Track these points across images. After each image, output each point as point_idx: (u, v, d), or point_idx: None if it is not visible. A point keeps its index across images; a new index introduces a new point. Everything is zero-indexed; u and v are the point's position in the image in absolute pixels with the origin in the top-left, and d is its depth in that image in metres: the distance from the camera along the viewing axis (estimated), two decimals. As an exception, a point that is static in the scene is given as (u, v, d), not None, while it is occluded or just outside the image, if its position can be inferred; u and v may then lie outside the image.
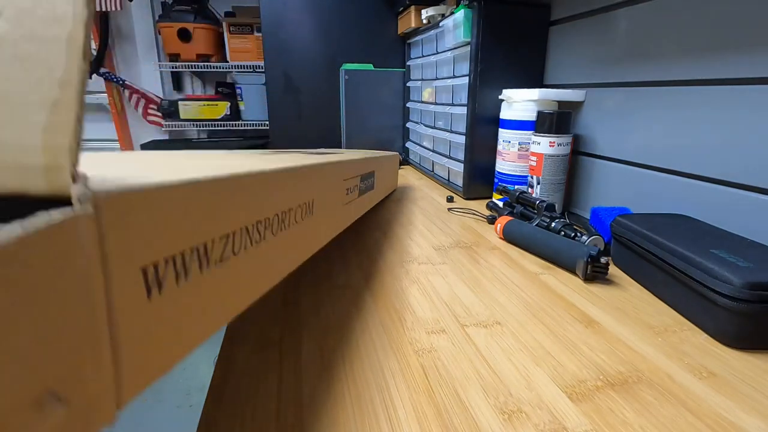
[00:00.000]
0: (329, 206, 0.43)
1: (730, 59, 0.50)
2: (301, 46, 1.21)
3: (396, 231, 0.67)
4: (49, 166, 0.12)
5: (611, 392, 0.31)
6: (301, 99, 1.26)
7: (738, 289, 0.35)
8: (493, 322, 0.41)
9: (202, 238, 0.20)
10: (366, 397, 0.30)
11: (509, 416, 0.29)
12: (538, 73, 0.85)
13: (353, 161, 0.54)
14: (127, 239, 0.15)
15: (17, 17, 0.13)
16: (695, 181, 0.56)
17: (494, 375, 0.33)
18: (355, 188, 0.55)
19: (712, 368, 0.34)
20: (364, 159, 0.60)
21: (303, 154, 0.54)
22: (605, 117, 0.70)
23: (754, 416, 0.29)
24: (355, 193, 0.55)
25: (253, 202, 0.25)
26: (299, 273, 0.52)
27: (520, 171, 0.78)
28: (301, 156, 0.49)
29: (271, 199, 0.28)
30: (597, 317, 0.42)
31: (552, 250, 0.54)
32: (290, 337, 0.38)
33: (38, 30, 0.12)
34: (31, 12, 0.13)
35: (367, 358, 0.35)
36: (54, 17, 0.12)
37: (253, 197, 0.25)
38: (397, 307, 0.44)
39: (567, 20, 0.78)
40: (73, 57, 0.12)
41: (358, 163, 0.56)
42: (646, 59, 0.62)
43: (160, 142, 2.15)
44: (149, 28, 2.19)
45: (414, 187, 0.99)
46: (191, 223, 0.19)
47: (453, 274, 0.51)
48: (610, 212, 0.60)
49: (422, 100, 1.12)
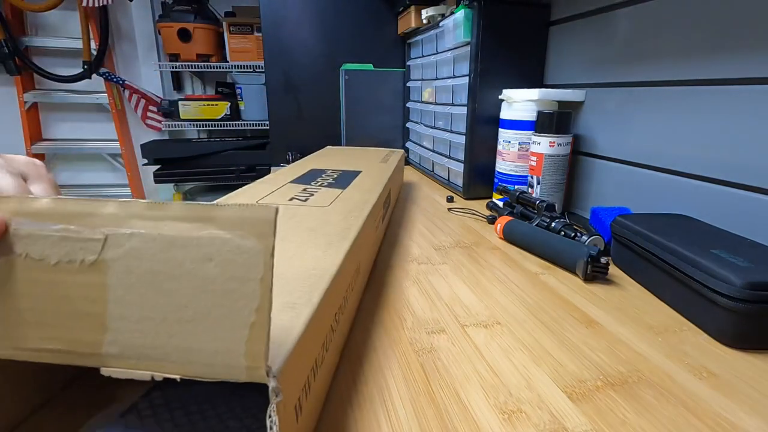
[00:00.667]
0: (367, 255, 0.47)
1: (729, 59, 0.50)
2: (301, 46, 1.21)
3: (396, 231, 0.67)
4: (250, 367, 0.18)
5: (611, 392, 0.31)
6: (301, 99, 1.26)
7: (738, 289, 0.35)
8: (493, 322, 0.41)
9: (314, 357, 0.25)
10: (366, 397, 0.30)
11: (509, 416, 0.29)
12: (538, 73, 0.85)
13: (378, 197, 0.54)
14: (287, 391, 0.20)
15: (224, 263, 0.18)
16: (695, 181, 0.56)
17: (494, 375, 0.33)
18: (380, 218, 0.57)
19: (712, 368, 0.34)
20: (384, 187, 0.60)
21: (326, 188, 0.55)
22: (605, 117, 0.70)
23: (754, 416, 0.29)
24: (380, 221, 0.57)
25: (334, 301, 0.30)
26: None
27: (520, 171, 0.78)
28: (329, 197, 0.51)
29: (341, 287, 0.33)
30: (597, 317, 0.42)
31: (552, 250, 0.54)
32: (290, 337, 0.38)
33: (239, 273, 0.18)
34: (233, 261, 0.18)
35: (367, 358, 0.35)
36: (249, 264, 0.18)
37: (335, 296, 0.30)
38: (397, 307, 0.44)
39: (567, 20, 0.78)
40: (265, 292, 0.18)
41: (382, 196, 0.57)
42: (646, 59, 0.62)
43: (160, 142, 2.15)
44: (149, 28, 2.19)
45: (414, 187, 0.99)
46: (311, 350, 0.24)
47: (453, 274, 0.51)
48: (610, 212, 0.60)
49: (422, 100, 1.12)
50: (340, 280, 0.32)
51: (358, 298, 0.42)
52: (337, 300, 0.31)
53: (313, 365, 0.25)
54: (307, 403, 0.23)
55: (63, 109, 2.23)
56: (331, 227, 0.40)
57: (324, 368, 0.28)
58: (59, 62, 2.11)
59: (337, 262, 0.32)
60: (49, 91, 2.12)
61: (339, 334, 0.33)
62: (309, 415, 0.24)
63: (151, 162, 2.00)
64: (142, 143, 2.00)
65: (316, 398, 0.26)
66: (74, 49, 2.06)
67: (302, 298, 0.26)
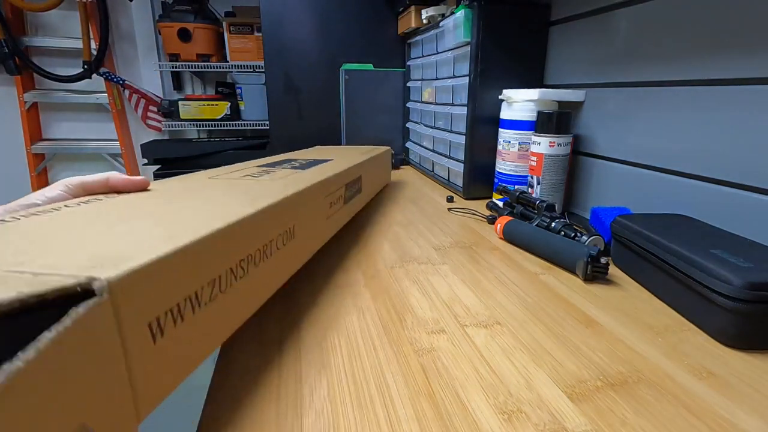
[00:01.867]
0: (311, 225, 0.46)
1: (729, 59, 0.50)
2: (301, 46, 1.21)
3: (396, 231, 0.67)
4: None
5: (611, 392, 0.31)
6: (301, 99, 1.26)
7: (738, 289, 0.35)
8: (493, 322, 0.41)
9: (192, 288, 0.25)
10: (366, 397, 0.30)
11: (509, 416, 0.29)
12: (538, 73, 0.85)
13: (336, 175, 0.54)
14: (135, 306, 0.20)
15: None
16: (695, 181, 0.56)
17: (494, 375, 0.33)
18: (339, 199, 0.56)
19: (712, 368, 0.34)
20: (348, 168, 0.60)
21: (288, 170, 0.54)
22: (605, 117, 0.70)
23: (754, 416, 0.29)
24: (340, 203, 0.56)
25: (235, 247, 0.30)
26: (299, 273, 0.52)
27: (520, 171, 0.78)
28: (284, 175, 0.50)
29: (252, 239, 0.32)
30: (597, 317, 0.42)
31: (552, 250, 0.54)
32: (290, 337, 0.38)
33: None
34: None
35: (367, 358, 0.35)
36: None
37: (235, 243, 0.30)
38: (397, 307, 0.44)
39: (567, 20, 0.78)
40: None
41: (342, 175, 0.57)
42: (646, 59, 0.62)
43: (160, 142, 2.15)
44: (149, 28, 2.19)
45: (414, 187, 0.99)
46: (183, 279, 0.24)
47: (453, 274, 0.51)
48: (610, 212, 0.60)
49: (422, 100, 1.12)
50: (248, 229, 0.31)
51: (293, 262, 0.41)
52: (244, 247, 0.31)
53: (190, 296, 0.24)
54: (176, 331, 0.23)
55: (63, 109, 2.23)
56: (265, 192, 0.39)
57: (220, 310, 0.27)
58: (59, 62, 2.11)
59: (249, 211, 0.31)
60: (49, 91, 2.12)
61: (255, 285, 0.32)
62: (182, 347, 0.24)
63: (152, 162, 2.00)
64: (142, 143, 2.00)
65: (200, 335, 0.25)
66: (74, 49, 2.06)
67: (188, 233, 0.25)
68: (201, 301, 0.25)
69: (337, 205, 0.55)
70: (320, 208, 0.49)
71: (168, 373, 0.23)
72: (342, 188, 0.57)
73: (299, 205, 0.41)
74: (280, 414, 0.29)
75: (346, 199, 0.59)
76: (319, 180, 0.48)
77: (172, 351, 0.23)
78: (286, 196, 0.39)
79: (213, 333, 0.27)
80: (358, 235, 0.65)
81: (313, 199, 0.46)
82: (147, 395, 0.21)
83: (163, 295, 0.22)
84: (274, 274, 0.36)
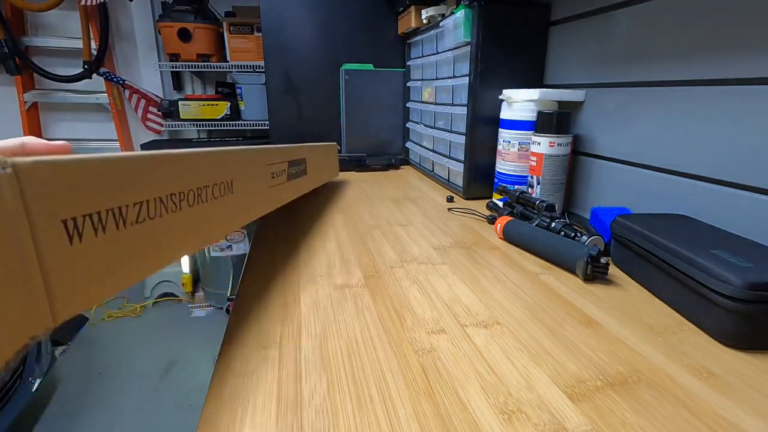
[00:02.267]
0: (253, 187, 0.50)
1: (729, 59, 0.50)
2: (301, 46, 1.21)
3: (396, 231, 0.67)
4: None
5: (611, 392, 0.31)
6: (301, 99, 1.26)
7: (738, 289, 0.35)
8: (493, 322, 0.41)
9: (115, 203, 0.26)
10: (366, 397, 0.30)
11: (509, 416, 0.29)
12: (538, 73, 0.85)
13: (278, 148, 0.59)
14: (46, 197, 0.20)
15: None
16: (695, 181, 0.56)
17: (494, 375, 0.33)
18: (282, 173, 0.60)
19: (712, 368, 0.34)
20: (291, 147, 0.66)
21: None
22: (605, 117, 0.70)
23: (754, 416, 0.29)
24: (283, 177, 0.61)
25: (163, 178, 0.32)
26: (299, 273, 0.52)
27: (520, 171, 0.78)
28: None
29: (184, 176, 0.34)
30: (597, 317, 0.42)
31: (552, 250, 0.54)
32: (290, 337, 0.38)
33: None
34: None
35: (368, 358, 0.35)
36: None
37: (164, 174, 0.32)
38: (397, 307, 0.44)
39: (567, 20, 0.78)
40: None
41: (283, 150, 0.62)
42: (646, 59, 0.62)
43: (160, 141, 2.15)
44: (149, 27, 2.19)
45: (414, 187, 0.99)
46: (104, 189, 0.25)
47: (453, 274, 0.51)
48: (610, 212, 0.60)
49: (422, 100, 1.12)
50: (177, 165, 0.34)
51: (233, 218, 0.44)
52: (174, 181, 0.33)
53: (113, 210, 0.26)
54: (97, 241, 0.24)
55: (63, 109, 2.23)
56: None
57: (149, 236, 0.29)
58: (59, 62, 2.11)
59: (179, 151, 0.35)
60: (49, 91, 2.12)
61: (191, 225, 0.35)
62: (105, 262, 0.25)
63: (151, 162, 2.00)
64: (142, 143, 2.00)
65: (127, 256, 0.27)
66: (74, 49, 2.06)
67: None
68: (126, 220, 0.27)
69: (280, 177, 0.59)
70: (262, 175, 0.53)
71: (88, 282, 0.24)
72: (285, 164, 0.62)
73: (236, 161, 0.45)
74: (280, 414, 0.29)
75: (289, 176, 0.64)
76: (259, 148, 0.52)
77: (94, 262, 0.24)
78: (221, 150, 0.42)
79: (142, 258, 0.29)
80: (358, 235, 0.65)
81: (253, 161, 0.50)
82: (63, 297, 0.22)
83: (80, 197, 0.23)
84: (213, 222, 0.39)
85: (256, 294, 0.46)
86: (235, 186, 0.44)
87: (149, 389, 1.47)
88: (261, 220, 0.73)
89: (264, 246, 0.61)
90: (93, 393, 1.46)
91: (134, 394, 1.45)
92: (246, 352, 0.36)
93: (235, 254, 1.85)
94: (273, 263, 0.55)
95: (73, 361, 1.63)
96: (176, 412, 1.37)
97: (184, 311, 2.01)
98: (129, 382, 1.52)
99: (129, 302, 2.04)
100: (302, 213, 0.77)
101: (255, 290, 0.47)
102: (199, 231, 0.36)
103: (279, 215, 0.75)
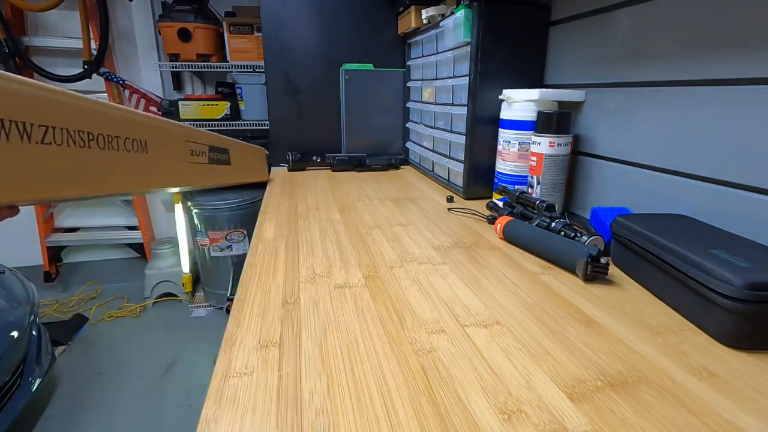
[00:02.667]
0: (169, 156, 0.55)
1: (729, 59, 0.50)
2: (301, 46, 1.21)
3: (396, 231, 0.67)
4: None
5: (611, 392, 0.31)
6: (301, 99, 1.26)
7: (738, 289, 0.35)
8: (493, 322, 0.41)
9: (19, 117, 0.31)
10: (366, 397, 0.30)
11: (509, 416, 0.29)
12: (538, 73, 0.85)
13: (202, 131, 0.66)
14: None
15: None
16: (695, 181, 0.56)
17: (494, 375, 0.33)
18: (203, 154, 0.66)
19: (712, 368, 0.34)
20: (215, 134, 0.72)
21: None
22: (605, 117, 0.70)
23: (753, 416, 0.29)
24: (204, 158, 0.67)
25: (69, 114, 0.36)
26: (299, 273, 0.52)
27: (520, 171, 0.78)
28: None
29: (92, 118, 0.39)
30: (597, 317, 0.42)
31: (552, 250, 0.54)
32: (290, 337, 0.38)
33: None
34: None
35: (367, 358, 0.35)
36: None
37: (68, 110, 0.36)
38: (397, 307, 0.44)
39: (567, 20, 0.78)
40: None
41: (205, 134, 0.68)
42: (646, 59, 0.62)
43: (160, 142, 2.14)
44: (149, 27, 2.19)
45: (414, 187, 0.99)
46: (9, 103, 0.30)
47: (453, 274, 0.51)
48: (610, 212, 0.60)
49: (422, 100, 1.12)
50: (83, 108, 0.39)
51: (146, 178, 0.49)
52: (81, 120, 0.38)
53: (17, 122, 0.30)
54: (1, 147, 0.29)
55: (63, 109, 2.23)
56: None
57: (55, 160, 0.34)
58: (59, 62, 2.10)
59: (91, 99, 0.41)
60: (49, 91, 2.12)
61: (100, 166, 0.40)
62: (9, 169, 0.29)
63: (151, 162, 2.00)
64: (142, 143, 2.00)
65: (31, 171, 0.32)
66: (74, 49, 2.06)
67: None
68: (32, 137, 0.31)
69: (200, 157, 0.65)
70: (180, 148, 0.58)
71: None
72: (206, 147, 0.68)
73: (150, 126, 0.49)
74: (280, 414, 0.29)
75: (211, 159, 0.70)
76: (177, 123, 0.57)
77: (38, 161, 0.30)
78: (135, 110, 0.47)
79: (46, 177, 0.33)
80: (358, 235, 0.65)
81: (169, 132, 0.55)
82: None
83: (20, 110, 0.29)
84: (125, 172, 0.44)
85: (256, 294, 0.46)
86: (150, 147, 0.49)
87: (149, 389, 1.47)
88: (260, 219, 0.73)
89: (264, 246, 0.61)
90: (93, 393, 1.46)
91: (134, 394, 1.45)
92: (246, 352, 0.36)
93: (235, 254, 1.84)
94: (273, 263, 0.55)
95: (73, 361, 1.63)
96: (176, 412, 1.37)
97: (184, 311, 2.01)
98: (129, 382, 1.52)
99: (129, 302, 2.04)
100: (302, 213, 0.77)
101: (255, 290, 0.47)
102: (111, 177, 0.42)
103: (279, 215, 0.75)
